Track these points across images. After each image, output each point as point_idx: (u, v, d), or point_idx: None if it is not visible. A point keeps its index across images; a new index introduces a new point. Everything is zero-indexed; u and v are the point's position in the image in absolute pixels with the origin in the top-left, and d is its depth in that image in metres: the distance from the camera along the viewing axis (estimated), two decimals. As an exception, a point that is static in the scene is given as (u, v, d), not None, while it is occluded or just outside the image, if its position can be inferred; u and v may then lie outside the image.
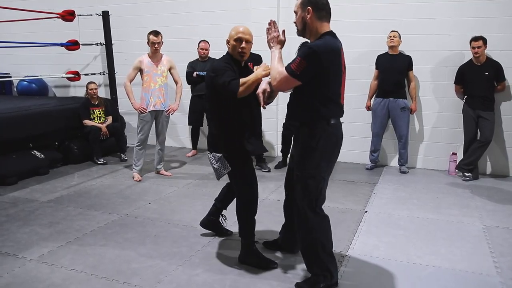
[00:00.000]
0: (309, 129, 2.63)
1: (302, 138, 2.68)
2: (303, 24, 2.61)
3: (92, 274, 3.00)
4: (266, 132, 6.25)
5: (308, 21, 2.58)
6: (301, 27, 2.64)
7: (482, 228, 3.82)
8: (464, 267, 3.10)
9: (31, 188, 4.99)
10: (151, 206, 4.35)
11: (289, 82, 2.56)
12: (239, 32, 3.02)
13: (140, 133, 5.24)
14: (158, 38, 5.09)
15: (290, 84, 2.58)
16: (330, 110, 2.60)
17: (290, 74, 2.52)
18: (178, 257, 3.24)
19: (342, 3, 5.80)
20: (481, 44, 5.01)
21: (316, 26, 2.59)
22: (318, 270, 2.74)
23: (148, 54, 5.18)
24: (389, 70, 5.52)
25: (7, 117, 5.34)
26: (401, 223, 3.94)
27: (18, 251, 3.36)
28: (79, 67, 7.42)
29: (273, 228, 3.66)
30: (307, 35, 2.66)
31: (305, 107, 2.61)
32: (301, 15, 2.60)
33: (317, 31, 2.60)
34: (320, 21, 2.59)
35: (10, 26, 7.27)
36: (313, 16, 2.56)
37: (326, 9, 2.60)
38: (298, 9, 2.62)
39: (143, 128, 5.21)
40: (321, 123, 2.60)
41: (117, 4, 7.07)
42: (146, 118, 5.18)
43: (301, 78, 2.52)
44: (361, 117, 5.99)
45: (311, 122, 2.62)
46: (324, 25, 2.61)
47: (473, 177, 5.29)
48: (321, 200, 2.73)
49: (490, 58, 5.16)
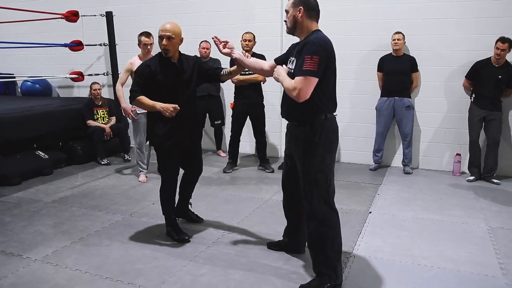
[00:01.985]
0: (310, 126, 2.68)
1: (303, 136, 2.71)
2: (294, 22, 2.72)
3: (96, 274, 3.00)
4: (270, 133, 6.24)
5: (299, 20, 2.69)
6: (291, 25, 2.75)
7: (487, 229, 3.81)
8: (469, 268, 3.09)
9: (35, 189, 5.00)
10: (155, 206, 4.34)
11: (311, 83, 2.55)
12: (160, 29, 3.26)
13: (137, 137, 5.24)
14: (150, 39, 5.06)
15: (312, 85, 2.56)
16: (326, 106, 2.68)
17: (309, 74, 2.52)
18: (183, 257, 3.24)
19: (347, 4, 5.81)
20: (506, 48, 4.91)
21: (306, 25, 2.70)
22: (323, 269, 2.73)
23: (139, 55, 5.14)
24: (393, 72, 5.51)
25: (11, 118, 5.36)
26: (406, 224, 3.93)
27: (22, 251, 3.37)
28: (82, 68, 7.44)
29: (277, 229, 3.65)
30: (297, 33, 2.77)
31: (304, 105, 2.62)
32: (292, 13, 2.71)
33: (307, 29, 2.71)
34: (309, 20, 2.70)
35: (13, 27, 7.29)
36: (304, 15, 2.68)
37: (316, 10, 2.73)
38: (290, 8, 2.72)
39: (139, 131, 5.20)
40: (319, 119, 2.67)
41: (120, 5, 7.09)
42: (141, 119, 5.15)
43: (319, 74, 2.55)
44: (364, 117, 5.98)
45: (310, 119, 2.67)
46: (314, 24, 2.72)
47: (476, 178, 5.28)
48: (332, 192, 2.77)
49: (508, 62, 5.09)
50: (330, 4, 5.84)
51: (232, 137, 5.70)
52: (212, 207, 4.33)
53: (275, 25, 6.12)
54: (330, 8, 5.83)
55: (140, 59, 5.09)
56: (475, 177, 5.29)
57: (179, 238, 3.53)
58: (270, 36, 6.03)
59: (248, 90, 5.44)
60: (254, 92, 5.49)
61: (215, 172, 5.66)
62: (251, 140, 6.32)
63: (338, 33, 5.84)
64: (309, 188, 2.73)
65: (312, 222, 2.76)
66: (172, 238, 3.55)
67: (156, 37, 3.35)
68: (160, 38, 3.24)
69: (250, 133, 5.91)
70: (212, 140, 6.81)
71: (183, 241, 3.50)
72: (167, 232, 3.63)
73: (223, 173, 5.63)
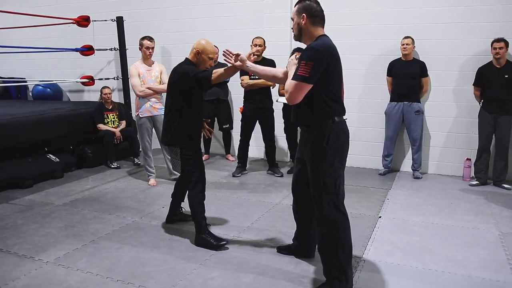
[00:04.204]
0: (317, 130, 2.70)
1: (311, 140, 2.74)
2: (299, 29, 2.77)
3: (107, 277, 3.02)
4: (279, 137, 6.25)
5: (303, 27, 2.74)
6: (297, 32, 2.80)
7: (498, 234, 3.78)
8: (481, 273, 3.07)
9: (47, 191, 5.05)
10: (165, 210, 4.35)
11: (301, 89, 2.61)
12: (214, 52, 3.56)
13: (141, 141, 5.29)
14: (152, 43, 5.13)
15: (303, 91, 2.62)
16: (333, 109, 2.70)
17: (300, 80, 2.58)
18: (193, 261, 3.25)
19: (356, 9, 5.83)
20: (503, 46, 4.94)
21: (310, 31, 2.73)
22: (335, 273, 2.73)
23: (140, 60, 5.19)
24: (403, 76, 5.51)
25: (22, 121, 5.42)
26: (416, 228, 3.91)
27: (35, 253, 3.41)
28: (93, 72, 7.50)
29: (287, 233, 3.66)
30: (303, 39, 2.81)
31: (310, 110, 2.69)
32: (297, 21, 2.76)
33: (312, 35, 2.74)
34: (314, 26, 2.73)
35: (25, 32, 7.38)
36: (308, 22, 2.72)
37: (319, 16, 2.75)
38: (295, 16, 2.78)
39: (143, 135, 5.24)
40: (327, 123, 2.69)
41: (131, 10, 7.15)
42: (144, 124, 5.19)
43: (311, 80, 2.59)
44: (374, 122, 5.97)
45: (318, 123, 2.70)
46: (319, 29, 2.75)
47: (481, 183, 5.25)
48: (342, 196, 2.77)
49: (510, 61, 5.09)
50: (340, 9, 5.86)
51: (241, 141, 5.71)
52: (222, 211, 4.34)
53: (285, 30, 6.13)
54: (340, 12, 5.86)
55: (142, 63, 5.17)
56: (479, 182, 5.25)
57: (218, 244, 3.44)
58: (279, 41, 6.05)
59: (258, 94, 5.45)
60: (264, 96, 5.50)
61: (224, 176, 5.67)
62: (259, 144, 6.33)
63: (348, 38, 5.86)
64: (319, 193, 2.73)
65: (322, 226, 2.77)
66: (209, 246, 3.45)
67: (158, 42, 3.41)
68: (211, 59, 3.54)
69: (259, 137, 5.92)
70: (220, 144, 6.83)
71: (222, 247, 3.43)
72: (200, 239, 3.51)
73: (232, 177, 5.64)
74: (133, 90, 5.19)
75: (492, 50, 5.03)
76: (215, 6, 6.65)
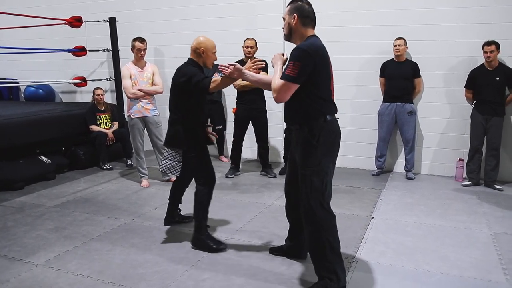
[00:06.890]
0: (308, 128, 2.72)
1: (302, 138, 2.75)
2: (289, 29, 2.80)
3: (98, 279, 3.00)
4: (272, 138, 6.25)
5: (293, 27, 2.76)
6: (287, 32, 2.83)
7: (490, 234, 3.79)
8: (473, 274, 3.08)
9: (38, 193, 5.01)
10: (157, 211, 4.35)
11: (289, 89, 2.64)
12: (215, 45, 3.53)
13: (133, 142, 5.27)
14: (144, 44, 5.11)
15: (291, 90, 2.65)
16: (324, 108, 2.72)
17: (287, 80, 2.61)
18: (185, 263, 3.24)
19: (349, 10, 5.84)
20: (494, 49, 4.97)
21: (301, 31, 2.76)
22: (324, 273, 2.74)
23: (132, 61, 5.17)
24: (395, 77, 5.52)
25: (14, 123, 5.37)
26: (408, 229, 3.92)
27: (25, 255, 3.37)
28: (86, 73, 7.47)
29: (279, 234, 3.65)
30: (293, 39, 2.83)
31: (301, 109, 2.72)
32: (288, 21, 2.79)
33: (302, 35, 2.77)
34: (304, 27, 2.76)
35: (17, 33, 7.34)
36: (298, 22, 2.75)
37: (311, 17, 2.77)
38: (286, 16, 2.81)
39: (135, 136, 5.21)
40: (318, 121, 2.70)
41: (123, 11, 7.12)
42: (136, 125, 5.16)
43: (298, 80, 2.61)
44: (366, 123, 5.98)
45: (309, 122, 2.72)
46: (309, 30, 2.78)
47: (474, 183, 5.27)
48: (328, 195, 2.77)
49: (502, 64, 5.12)
50: (333, 10, 5.87)
51: (234, 142, 5.70)
52: (215, 212, 4.31)
53: (277, 31, 6.08)
54: (332, 14, 5.86)
55: (134, 64, 5.14)
56: (471, 182, 5.28)
57: (218, 247, 3.43)
58: (272, 42, 6.05)
59: (251, 95, 5.44)
60: (257, 97, 5.49)
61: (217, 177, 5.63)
62: (252, 145, 6.32)
63: (340, 39, 5.87)
64: (305, 191, 2.74)
65: (309, 225, 2.78)
66: (207, 248, 3.43)
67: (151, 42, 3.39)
68: (214, 54, 3.54)
69: (252, 138, 5.91)
70: (214, 145, 6.82)
71: (221, 250, 3.42)
72: (197, 241, 3.49)
73: (225, 178, 5.63)
74: (124, 92, 5.17)
75: (483, 54, 5.05)
76: (208, 7, 6.63)
